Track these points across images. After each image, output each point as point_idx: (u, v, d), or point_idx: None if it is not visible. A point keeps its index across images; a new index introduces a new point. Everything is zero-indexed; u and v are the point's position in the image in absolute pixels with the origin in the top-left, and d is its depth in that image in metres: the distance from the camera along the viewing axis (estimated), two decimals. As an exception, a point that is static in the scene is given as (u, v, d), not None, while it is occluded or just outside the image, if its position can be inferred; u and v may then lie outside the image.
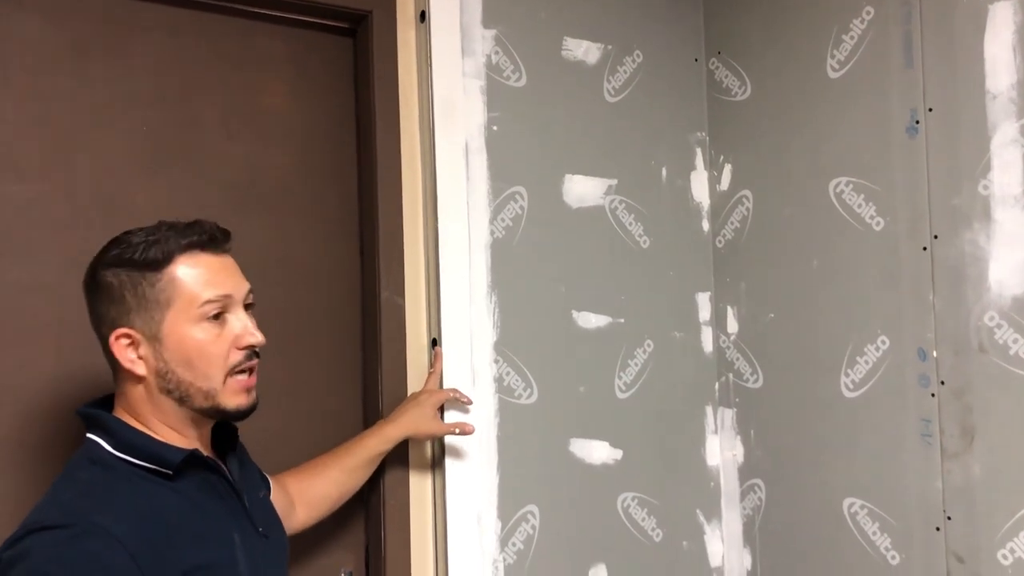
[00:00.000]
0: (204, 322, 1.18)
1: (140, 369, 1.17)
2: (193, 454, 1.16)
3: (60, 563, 1.02)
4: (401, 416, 1.69)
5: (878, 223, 1.82)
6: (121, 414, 1.19)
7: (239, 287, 1.24)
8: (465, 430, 1.73)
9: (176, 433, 1.20)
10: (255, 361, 1.25)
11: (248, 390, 1.24)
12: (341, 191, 1.85)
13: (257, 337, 1.24)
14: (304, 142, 1.81)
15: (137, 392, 1.19)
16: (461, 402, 1.76)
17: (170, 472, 1.14)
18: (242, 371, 1.23)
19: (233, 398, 1.21)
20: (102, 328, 1.19)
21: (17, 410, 1.47)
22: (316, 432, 1.79)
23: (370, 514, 1.81)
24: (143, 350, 1.17)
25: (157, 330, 1.17)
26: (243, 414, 1.24)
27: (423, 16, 1.83)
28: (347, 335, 1.84)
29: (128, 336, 1.16)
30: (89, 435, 1.17)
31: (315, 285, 1.81)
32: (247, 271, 1.71)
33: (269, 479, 1.50)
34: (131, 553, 1.04)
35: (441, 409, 1.76)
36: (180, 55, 1.69)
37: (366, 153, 1.83)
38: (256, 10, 1.75)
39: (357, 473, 1.64)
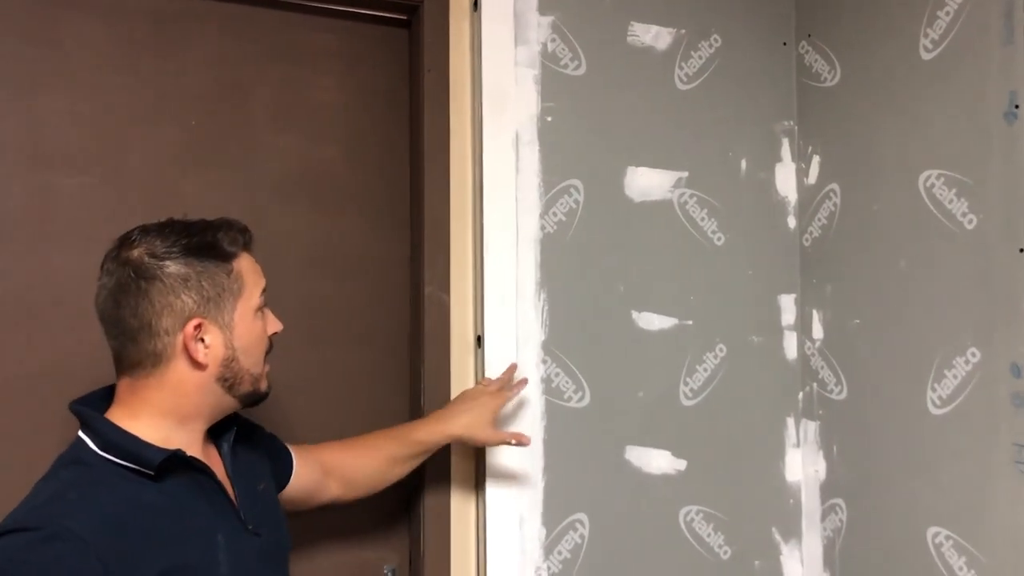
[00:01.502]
0: (258, 312, 1.26)
1: (206, 359, 1.19)
2: (175, 454, 1.16)
3: (25, 566, 1.03)
4: (458, 416, 1.62)
5: (970, 221, 1.62)
6: (123, 408, 1.19)
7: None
8: (522, 441, 1.63)
9: (186, 426, 1.21)
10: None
11: (268, 374, 1.31)
12: (392, 184, 1.83)
13: (281, 325, 1.33)
14: (354, 136, 1.80)
15: (187, 381, 1.18)
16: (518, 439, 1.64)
17: (152, 472, 1.14)
18: (268, 358, 1.30)
19: (266, 382, 1.29)
20: (159, 322, 1.16)
21: (64, 396, 1.53)
22: (361, 425, 1.78)
23: (412, 512, 1.79)
24: (211, 338, 1.19)
25: (230, 319, 1.21)
26: (267, 395, 1.30)
27: (476, 4, 1.78)
28: (395, 331, 1.82)
29: (200, 326, 1.18)
30: (79, 433, 1.18)
31: (364, 279, 1.80)
32: (296, 263, 1.75)
33: (292, 452, 1.49)
34: (99, 556, 1.04)
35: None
36: (231, 50, 1.72)
37: (415, 145, 1.81)
38: (307, 3, 1.76)
39: (403, 464, 1.61)
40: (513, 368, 1.71)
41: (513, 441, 1.63)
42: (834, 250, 1.93)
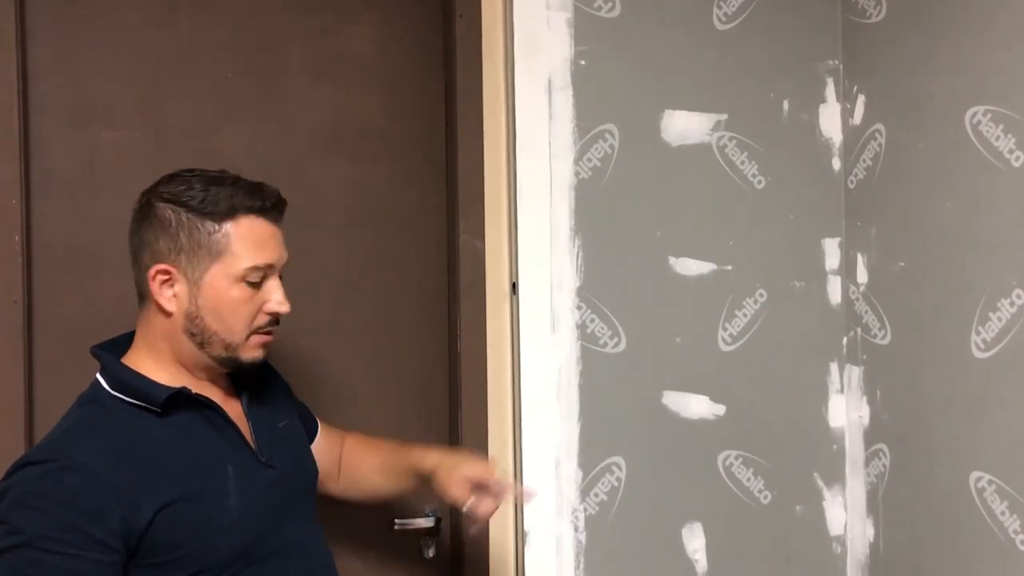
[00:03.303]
0: (243, 283, 1.24)
1: (171, 306, 1.22)
2: (181, 392, 1.21)
3: (39, 495, 1.10)
4: (444, 455, 1.48)
5: (1017, 158, 1.56)
6: (136, 347, 1.26)
7: (282, 258, 1.28)
8: (476, 513, 1.40)
9: (182, 371, 1.26)
10: (276, 327, 1.30)
11: (265, 346, 1.29)
12: (426, 133, 1.84)
13: (286, 307, 1.28)
14: (388, 85, 1.81)
15: (159, 324, 1.24)
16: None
17: (158, 409, 1.19)
18: (264, 332, 1.28)
19: (250, 352, 1.27)
20: (142, 255, 1.23)
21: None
22: (398, 373, 1.82)
23: (452, 455, 1.83)
24: (178, 289, 1.22)
25: (199, 276, 1.22)
26: (254, 365, 1.29)
27: (506, -53, 1.76)
28: (431, 280, 1.84)
29: (168, 273, 1.21)
30: (97, 374, 1.25)
31: (399, 229, 1.82)
32: (331, 214, 1.78)
33: (319, 424, 1.52)
34: (108, 485, 1.11)
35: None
36: (264, 3, 1.74)
37: (448, 93, 1.81)
38: (340, -47, 1.76)
39: (391, 478, 1.52)
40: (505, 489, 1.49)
41: (467, 507, 1.40)
42: (879, 192, 1.88)
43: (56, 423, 1.22)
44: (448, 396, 1.84)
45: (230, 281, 1.22)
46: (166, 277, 1.21)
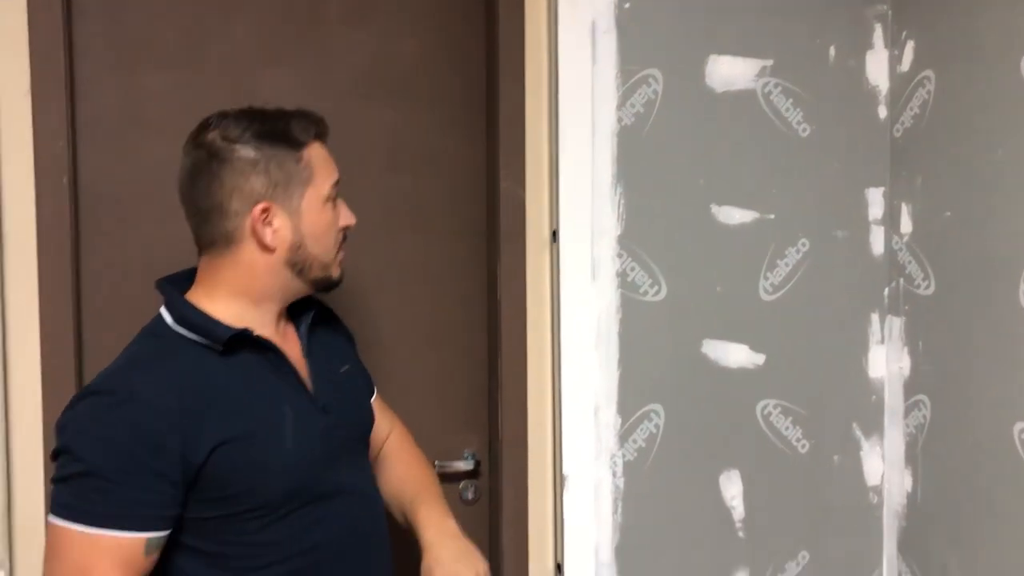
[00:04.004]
0: (328, 203, 1.28)
1: (274, 242, 1.23)
2: (243, 332, 1.22)
3: (101, 426, 1.13)
4: (432, 547, 1.37)
5: (1073, 105, 1.53)
6: (203, 288, 1.26)
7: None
8: None
9: (259, 307, 1.26)
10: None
11: (342, 263, 1.34)
12: (467, 79, 1.83)
13: (354, 219, 1.34)
14: (429, 30, 1.80)
15: (258, 263, 1.23)
16: None
17: (220, 348, 1.21)
18: (342, 248, 1.33)
19: (338, 269, 1.33)
20: (229, 201, 1.21)
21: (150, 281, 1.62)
22: (436, 318, 1.83)
23: (491, 401, 1.84)
24: (279, 223, 1.23)
25: (297, 205, 1.24)
26: (340, 282, 1.34)
27: None
28: (471, 227, 1.84)
29: (268, 209, 1.22)
30: (160, 308, 1.27)
31: (440, 175, 1.82)
32: (372, 159, 1.78)
33: (376, 394, 1.53)
34: (165, 417, 1.13)
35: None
36: (306, -55, 1.72)
37: (490, 38, 1.79)
38: None
39: (394, 504, 1.46)
40: None
41: None
42: (926, 141, 1.85)
43: (121, 352, 1.24)
44: (487, 344, 1.85)
45: (321, 203, 1.26)
46: (266, 215, 1.22)
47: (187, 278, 1.29)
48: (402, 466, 1.51)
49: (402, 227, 1.80)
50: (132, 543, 1.12)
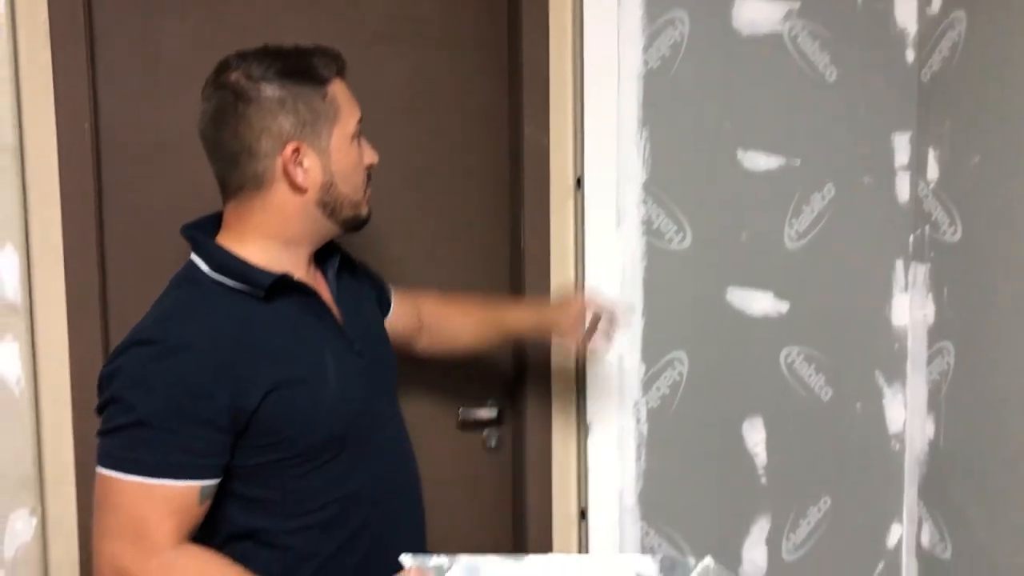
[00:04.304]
0: (354, 140, 1.25)
1: (306, 183, 1.20)
2: (283, 277, 1.21)
3: (150, 375, 1.11)
4: (547, 309, 1.64)
5: (1111, 45, 1.50)
6: (232, 232, 1.24)
7: None
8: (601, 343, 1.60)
9: (291, 250, 1.24)
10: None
11: (369, 201, 1.32)
12: (490, 22, 1.79)
13: (377, 157, 1.31)
14: (452, -29, 1.76)
15: (289, 205, 1.21)
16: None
17: (262, 294, 1.20)
18: (368, 187, 1.31)
19: (366, 208, 1.30)
20: (258, 143, 1.17)
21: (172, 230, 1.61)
22: (458, 267, 1.82)
23: (515, 349, 1.84)
24: (309, 163, 1.20)
25: (327, 144, 1.21)
26: (368, 220, 1.31)
27: None
28: (494, 174, 1.82)
29: (299, 150, 1.19)
30: (191, 256, 1.24)
31: (463, 121, 1.79)
32: (394, 105, 1.75)
33: (392, 293, 1.53)
34: (215, 368, 1.12)
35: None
36: None
37: (514, -21, 1.76)
38: None
39: (485, 341, 1.63)
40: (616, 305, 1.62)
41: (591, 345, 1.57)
42: (956, 84, 1.82)
43: (156, 301, 1.22)
44: (510, 291, 1.84)
45: (347, 141, 1.23)
46: (297, 155, 1.20)
47: (212, 224, 1.27)
48: (459, 312, 1.60)
49: (423, 175, 1.78)
50: (186, 491, 1.11)
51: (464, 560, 1.17)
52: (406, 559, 1.15)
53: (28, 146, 1.52)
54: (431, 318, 1.60)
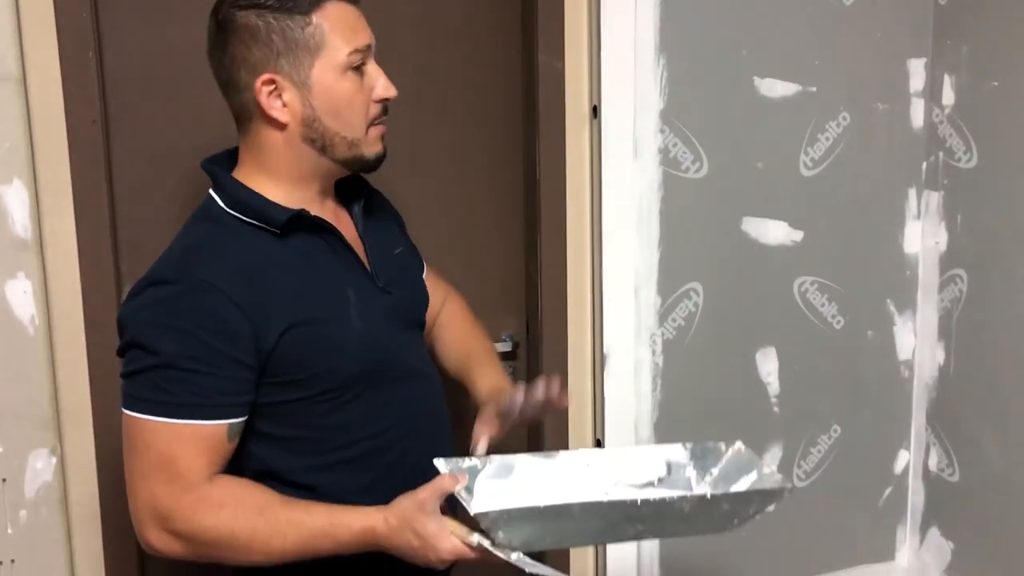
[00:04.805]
0: (349, 72, 1.18)
1: (284, 117, 1.16)
2: (300, 213, 1.18)
3: (172, 315, 1.09)
4: (488, 407, 1.35)
5: None
6: (244, 167, 1.20)
7: (373, 39, 1.22)
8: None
9: (299, 187, 1.21)
10: (387, 116, 1.24)
11: (383, 137, 1.24)
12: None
13: (393, 91, 1.23)
14: None
15: (273, 140, 1.17)
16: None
17: (278, 230, 1.17)
18: (380, 123, 1.23)
19: (372, 147, 1.22)
20: (238, 74, 1.14)
21: (183, 162, 1.57)
22: (473, 200, 1.79)
23: (529, 282, 1.83)
24: (288, 96, 1.15)
25: (306, 76, 1.15)
26: (380, 161, 1.24)
27: None
28: (508, 101, 1.78)
29: (273, 81, 1.14)
30: (210, 191, 1.21)
31: (475, 47, 1.74)
32: (403, 32, 1.70)
33: (426, 267, 1.47)
34: (237, 306, 1.09)
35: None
36: None
37: (527, -100, 1.70)
38: None
39: (458, 369, 1.47)
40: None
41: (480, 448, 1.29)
42: (974, 8, 1.79)
43: (175, 238, 1.19)
44: (524, 224, 1.82)
45: (337, 73, 1.16)
46: (272, 87, 1.14)
47: (228, 159, 1.23)
48: (457, 331, 1.49)
49: (432, 105, 1.74)
50: (214, 431, 1.10)
51: (497, 460, 1.17)
52: (440, 463, 1.14)
53: (31, 76, 1.46)
54: (439, 323, 1.50)
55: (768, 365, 1.89)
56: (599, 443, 1.82)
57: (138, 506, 1.11)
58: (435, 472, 1.21)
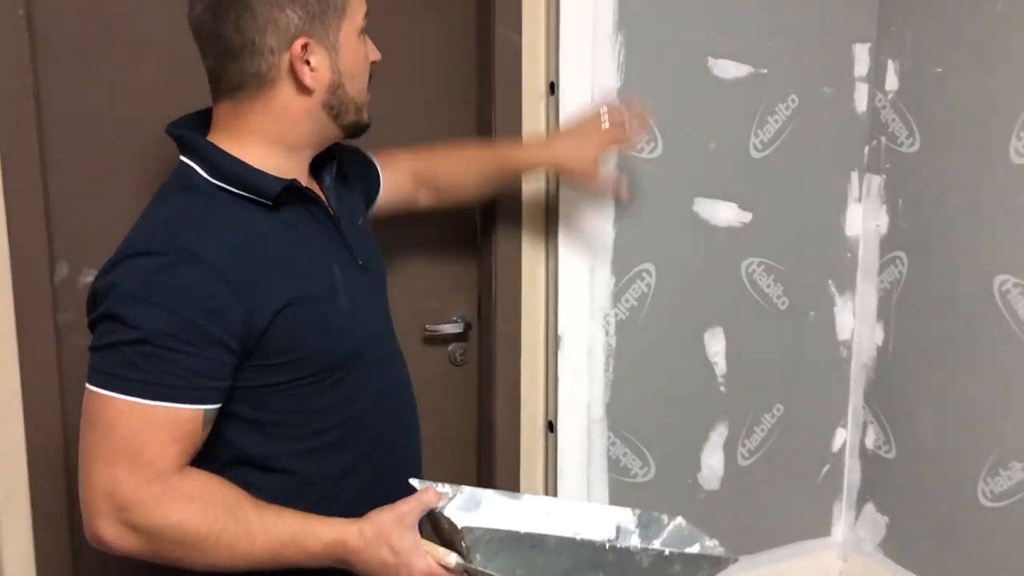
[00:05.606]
0: (361, 35, 1.15)
1: (314, 83, 1.09)
2: (292, 184, 1.11)
3: (154, 289, 1.01)
4: (559, 142, 1.59)
5: (1085, -44, 1.52)
6: (228, 133, 1.12)
7: None
8: (621, 192, 1.67)
9: (293, 155, 1.14)
10: None
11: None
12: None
13: (379, 54, 1.22)
14: None
15: (294, 107, 1.10)
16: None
17: (269, 202, 1.10)
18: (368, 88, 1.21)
19: (367, 112, 1.20)
20: (264, 35, 1.06)
21: (133, 131, 1.47)
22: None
23: (482, 261, 1.79)
24: (316, 60, 1.09)
25: (335, 40, 1.10)
26: (368, 126, 1.22)
27: None
28: (463, 74, 1.73)
29: (307, 46, 1.08)
30: (183, 159, 1.12)
31: (427, 17, 1.68)
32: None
33: (377, 163, 1.45)
34: (228, 282, 1.03)
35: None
36: None
37: None
38: None
39: (492, 182, 1.58)
40: (636, 101, 1.60)
41: (612, 190, 1.61)
42: (919, -6, 1.83)
43: (146, 210, 1.11)
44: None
45: (355, 36, 1.13)
46: (305, 52, 1.08)
47: (199, 124, 1.15)
48: (448, 158, 1.52)
49: (387, 76, 1.67)
50: (191, 416, 1.03)
51: (468, 491, 1.18)
52: (415, 483, 1.12)
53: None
54: (426, 174, 1.52)
55: (716, 345, 1.91)
56: (551, 426, 1.80)
57: (94, 493, 1.02)
58: (408, 460, 1.17)
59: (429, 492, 1.10)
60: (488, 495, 1.20)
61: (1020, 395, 1.69)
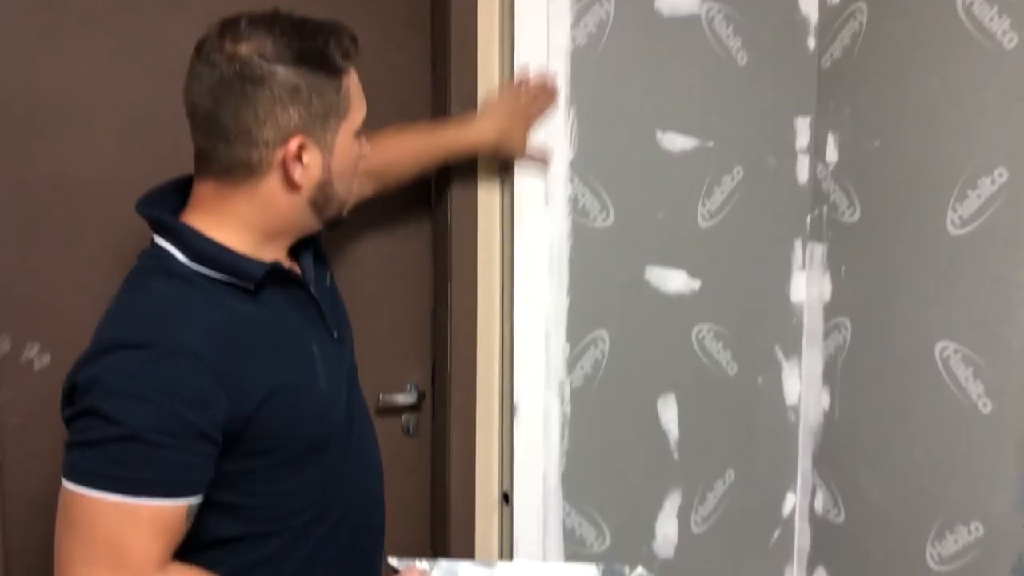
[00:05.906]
0: (359, 137, 1.15)
1: (303, 179, 1.09)
2: (275, 267, 1.11)
3: (139, 384, 0.98)
4: (493, 121, 1.60)
5: (1010, 40, 1.61)
6: (205, 215, 1.10)
7: None
8: (546, 157, 1.68)
9: (273, 241, 1.14)
10: None
11: None
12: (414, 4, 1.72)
13: (371, 151, 1.23)
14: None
15: (279, 201, 1.09)
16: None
17: (251, 287, 1.08)
18: None
19: (348, 206, 1.21)
20: (262, 128, 1.05)
21: (83, 212, 1.45)
22: (379, 244, 1.74)
23: (437, 329, 1.78)
24: (309, 159, 1.08)
25: (332, 141, 1.10)
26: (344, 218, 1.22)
27: None
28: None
29: (303, 146, 1.07)
30: (158, 241, 1.10)
31: (387, 96, 1.70)
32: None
33: None
34: (214, 373, 1.01)
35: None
36: None
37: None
38: None
39: (429, 167, 1.59)
40: (547, 75, 1.66)
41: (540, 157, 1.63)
42: (856, 71, 1.91)
43: (118, 297, 1.08)
44: (433, 274, 1.78)
45: (351, 138, 1.13)
46: (301, 150, 1.08)
47: (171, 199, 1.13)
48: (383, 146, 1.46)
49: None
50: (175, 511, 1.00)
51: (444, 564, 1.17)
52: (394, 562, 1.11)
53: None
54: (373, 167, 1.48)
55: (668, 412, 1.92)
56: (506, 497, 1.79)
57: None
58: (375, 531, 1.15)
59: (413, 572, 1.08)
60: (464, 566, 1.20)
61: (964, 459, 1.74)
